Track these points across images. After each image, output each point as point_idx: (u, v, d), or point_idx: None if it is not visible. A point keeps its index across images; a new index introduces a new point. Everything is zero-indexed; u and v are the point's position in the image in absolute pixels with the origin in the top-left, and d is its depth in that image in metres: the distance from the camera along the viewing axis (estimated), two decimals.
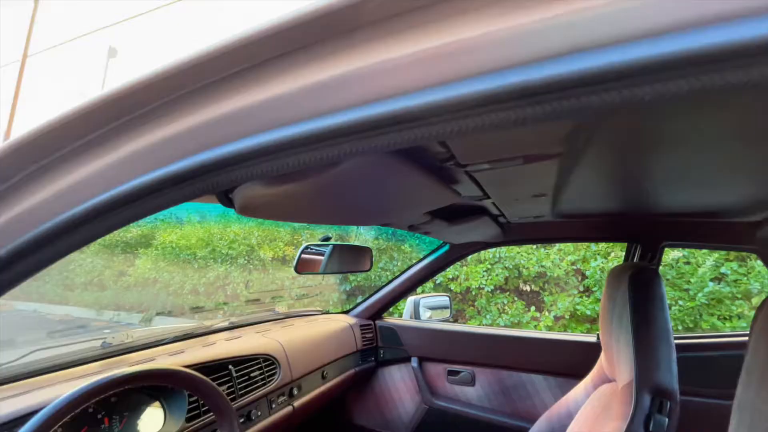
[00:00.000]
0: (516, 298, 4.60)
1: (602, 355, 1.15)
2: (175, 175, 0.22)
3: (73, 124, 0.25)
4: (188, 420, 0.88)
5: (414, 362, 1.64)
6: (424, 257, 1.65)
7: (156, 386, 0.89)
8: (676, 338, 1.10)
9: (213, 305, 5.91)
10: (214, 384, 0.72)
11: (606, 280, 1.07)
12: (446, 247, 1.56)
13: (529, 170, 0.52)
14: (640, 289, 0.88)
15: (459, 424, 1.52)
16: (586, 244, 4.23)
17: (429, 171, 0.48)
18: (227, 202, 0.46)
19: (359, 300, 1.86)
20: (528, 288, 4.59)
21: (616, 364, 0.98)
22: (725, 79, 0.16)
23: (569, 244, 4.25)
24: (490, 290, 4.59)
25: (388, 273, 5.25)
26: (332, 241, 1.22)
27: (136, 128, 0.24)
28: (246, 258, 6.21)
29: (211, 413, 0.92)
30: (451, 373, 1.59)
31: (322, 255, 1.09)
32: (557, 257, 4.27)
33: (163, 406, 0.88)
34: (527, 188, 0.68)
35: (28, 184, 0.26)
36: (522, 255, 4.46)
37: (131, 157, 0.24)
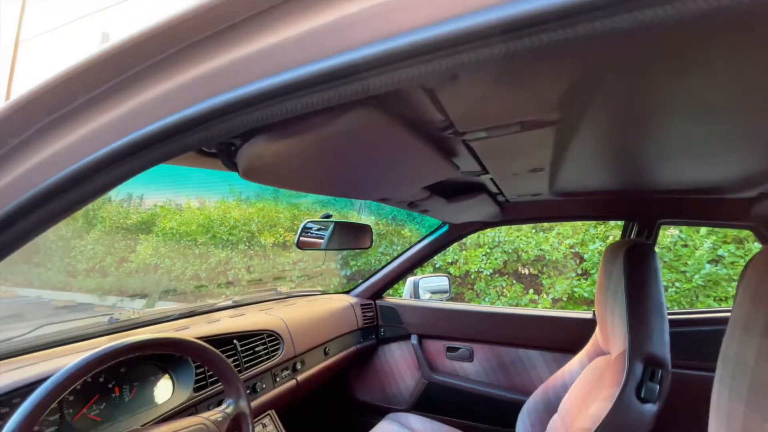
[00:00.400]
0: (515, 282, 4.65)
1: (597, 329, 1.18)
2: (182, 122, 0.24)
3: (84, 76, 0.26)
4: (196, 390, 0.91)
5: (414, 339, 1.68)
6: (424, 238, 1.67)
7: (164, 358, 0.92)
8: (670, 314, 1.13)
9: (216, 288, 5.98)
10: (219, 352, 0.75)
11: (603, 256, 1.09)
12: (445, 228, 1.58)
13: (526, 140, 0.53)
14: (635, 263, 0.90)
15: (457, 398, 1.57)
16: (585, 227, 4.25)
17: (428, 141, 0.49)
18: (232, 166, 0.47)
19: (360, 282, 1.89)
20: (527, 271, 4.64)
21: (610, 336, 1.00)
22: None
23: (568, 228, 4.28)
24: (489, 274, 4.64)
25: (387, 257, 5.29)
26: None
27: (146, 79, 0.25)
28: (247, 244, 6.25)
29: (218, 384, 0.95)
30: (449, 349, 1.63)
31: (324, 231, 1.11)
32: (556, 241, 4.30)
33: (171, 377, 0.91)
34: (525, 161, 0.69)
35: (42, 136, 0.27)
36: (521, 239, 4.50)
37: (142, 107, 0.25)
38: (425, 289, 1.83)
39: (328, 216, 1.16)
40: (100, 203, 8.02)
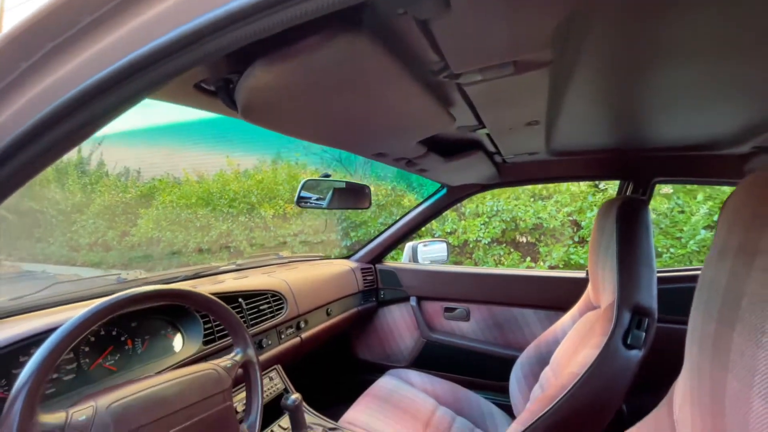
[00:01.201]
0: (512, 250, 4.72)
1: (589, 286, 1.22)
2: (181, 36, 0.26)
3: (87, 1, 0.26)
4: (205, 344, 0.95)
5: (413, 301, 1.73)
6: (422, 202, 1.69)
7: (173, 313, 0.96)
8: (659, 271, 1.17)
9: (218, 261, 6.06)
10: (225, 304, 0.78)
11: (597, 214, 1.11)
12: (443, 191, 1.59)
13: (520, 86, 0.53)
14: (627, 217, 0.92)
15: (454, 355, 1.64)
16: (583, 195, 4.26)
17: (424, 86, 0.50)
18: (231, 105, 0.47)
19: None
20: (524, 239, 4.70)
21: (601, 290, 1.04)
22: None
23: (566, 196, 4.29)
24: (487, 242, 4.69)
25: None
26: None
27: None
28: (247, 216, 6.28)
29: (226, 338, 1.00)
30: (447, 310, 1.69)
31: (324, 190, 1.12)
32: (554, 209, 4.33)
33: (180, 332, 0.95)
34: (520, 113, 0.69)
35: (49, 60, 0.28)
36: (519, 207, 4.52)
37: (144, 23, 0.26)
38: (424, 254, 1.87)
39: (327, 175, 1.17)
40: (97, 177, 7.99)
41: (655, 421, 0.49)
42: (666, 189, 3.71)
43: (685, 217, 3.78)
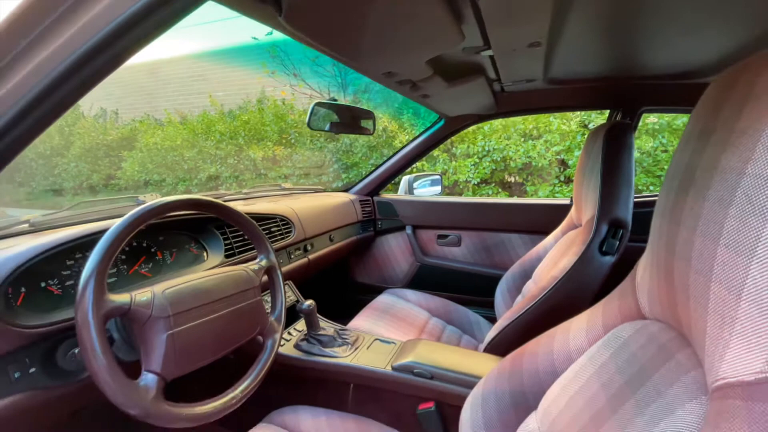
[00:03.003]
0: (500, 190, 4.86)
1: (572, 209, 1.34)
2: None
3: None
4: (226, 257, 1.05)
5: (408, 230, 1.86)
6: (419, 134, 1.73)
7: (196, 229, 1.04)
8: (636, 196, 1.28)
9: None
10: (247, 216, 0.86)
11: (585, 140, 1.18)
12: (441, 123, 1.64)
13: (528, 2, 0.56)
14: (613, 139, 1.00)
15: (446, 276, 1.81)
16: (573, 135, 4.32)
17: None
18: (275, 4, 0.49)
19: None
20: (512, 179, 4.83)
21: (583, 208, 1.15)
22: None
23: (556, 135, 4.34)
24: (476, 183, 4.80)
25: None
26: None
27: None
28: (235, 158, 6.19)
29: (244, 253, 1.09)
30: (440, 237, 1.82)
31: (332, 114, 1.16)
32: (543, 148, 4.40)
33: (203, 246, 1.04)
34: (525, 33, 0.73)
35: (58, 25, 0.34)
36: (510, 147, 4.57)
37: None
38: (419, 186, 1.96)
39: (335, 100, 1.20)
40: (73, 119, 7.58)
41: (620, 290, 0.60)
42: (653, 118, 3.82)
43: (668, 156, 3.91)
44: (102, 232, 0.75)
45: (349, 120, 1.25)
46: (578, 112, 4.23)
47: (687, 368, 0.41)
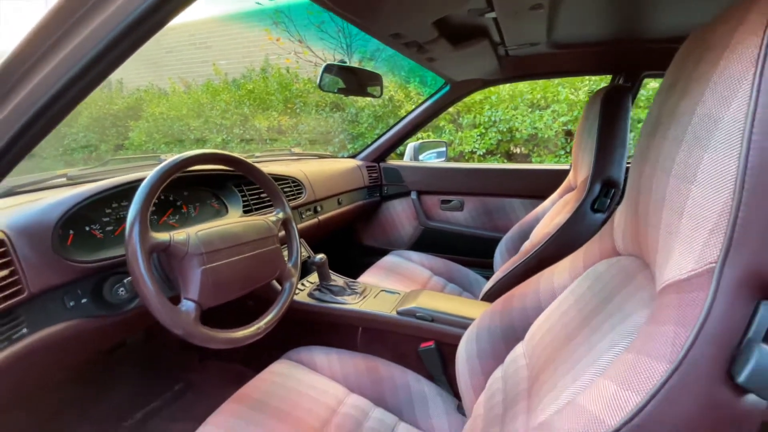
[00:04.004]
0: (505, 161, 4.87)
1: (570, 172, 1.39)
2: None
3: None
4: (244, 212, 1.14)
5: (413, 195, 1.93)
6: (424, 101, 1.77)
7: (216, 185, 1.12)
8: (629, 158, 1.32)
9: None
10: (264, 172, 0.94)
11: (586, 104, 1.22)
12: (447, 88, 1.67)
13: None
14: (611, 102, 1.04)
15: (448, 239, 1.90)
16: (581, 105, 4.27)
17: None
18: None
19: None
20: (518, 150, 4.82)
21: (579, 169, 1.21)
22: None
23: (564, 105, 4.29)
24: (481, 154, 4.81)
25: None
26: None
27: None
28: (241, 128, 6.20)
29: (260, 211, 1.18)
30: (443, 202, 1.90)
31: (341, 75, 1.21)
32: (550, 119, 4.36)
33: (223, 202, 1.13)
34: None
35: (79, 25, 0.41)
36: (516, 118, 4.54)
37: None
38: (425, 152, 2.01)
39: (344, 62, 1.24)
40: None
41: (599, 234, 0.68)
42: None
43: None
44: (136, 182, 0.84)
45: (358, 82, 1.29)
46: (587, 82, 4.17)
47: (643, 285, 0.49)
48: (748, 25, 0.32)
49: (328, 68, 1.19)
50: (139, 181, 0.72)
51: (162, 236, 0.70)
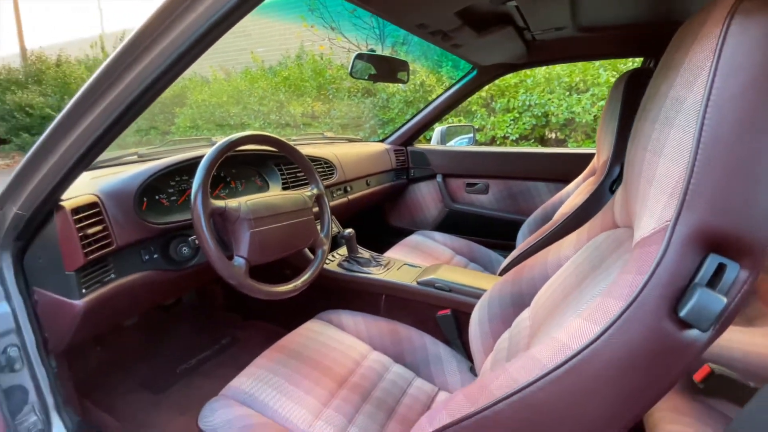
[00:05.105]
0: (539, 146, 4.76)
1: (595, 156, 1.41)
2: None
3: None
4: (282, 189, 1.27)
5: (439, 178, 2.00)
6: (452, 85, 1.81)
7: (259, 164, 1.26)
8: None
9: None
10: (301, 153, 1.06)
11: (612, 87, 1.23)
12: (474, 73, 1.70)
13: None
14: (634, 85, 1.06)
15: (472, 221, 1.96)
16: None
17: None
18: None
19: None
20: (553, 136, 4.69)
21: (601, 152, 1.23)
22: None
23: (604, 89, 4.12)
24: (514, 139, 4.72)
25: None
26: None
27: None
28: (277, 114, 6.43)
29: (297, 188, 1.31)
30: (468, 185, 1.95)
31: (372, 62, 1.30)
32: (589, 103, 4.20)
33: (265, 179, 1.26)
34: None
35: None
36: (552, 101, 4.41)
37: None
38: (452, 136, 2.06)
39: (373, 50, 1.33)
40: None
41: (603, 210, 0.74)
42: None
43: None
44: (195, 159, 0.98)
45: (387, 70, 1.38)
46: (630, 64, 3.96)
47: (628, 249, 0.56)
48: (713, 18, 0.38)
49: (359, 57, 1.29)
50: (199, 158, 0.86)
51: (219, 203, 0.83)
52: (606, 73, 4.08)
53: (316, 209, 1.12)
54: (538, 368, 0.42)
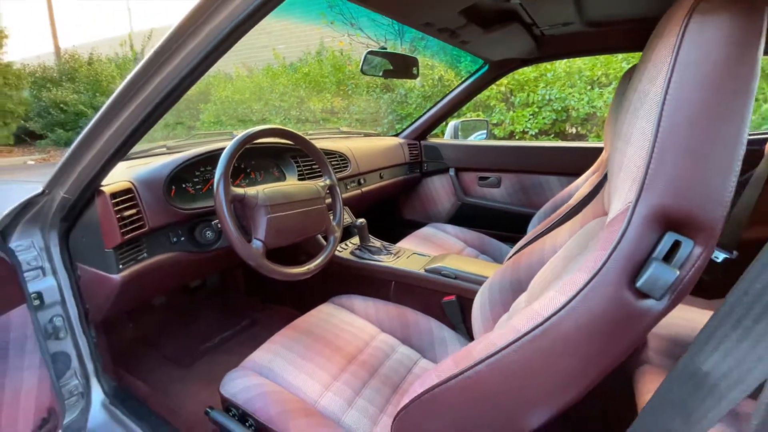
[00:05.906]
0: (559, 141, 4.68)
1: (604, 151, 1.42)
2: None
3: None
4: (298, 179, 1.34)
5: (452, 172, 2.03)
6: (464, 80, 1.84)
7: (277, 156, 1.34)
8: None
9: None
10: (316, 146, 1.13)
11: (619, 80, 1.24)
12: (485, 68, 1.73)
13: None
14: None
15: (484, 214, 1.99)
16: None
17: None
18: None
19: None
20: (574, 130, 4.61)
21: (607, 145, 1.24)
22: None
23: None
24: (534, 134, 4.67)
25: None
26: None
27: None
28: (297, 110, 6.57)
29: (312, 178, 1.38)
30: (481, 179, 1.98)
31: (383, 60, 1.36)
32: (611, 97, 4.11)
33: (282, 170, 1.34)
34: None
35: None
36: (573, 95, 4.33)
37: None
38: (466, 130, 2.09)
39: (384, 48, 1.39)
40: None
41: (596, 198, 0.77)
42: None
43: None
44: (218, 150, 1.06)
45: (396, 65, 1.43)
46: None
47: None
48: (676, 17, 0.41)
49: (369, 56, 1.34)
50: (221, 150, 0.94)
51: (239, 190, 0.91)
52: (629, 66, 3.96)
53: (329, 199, 1.19)
54: (513, 333, 0.47)
